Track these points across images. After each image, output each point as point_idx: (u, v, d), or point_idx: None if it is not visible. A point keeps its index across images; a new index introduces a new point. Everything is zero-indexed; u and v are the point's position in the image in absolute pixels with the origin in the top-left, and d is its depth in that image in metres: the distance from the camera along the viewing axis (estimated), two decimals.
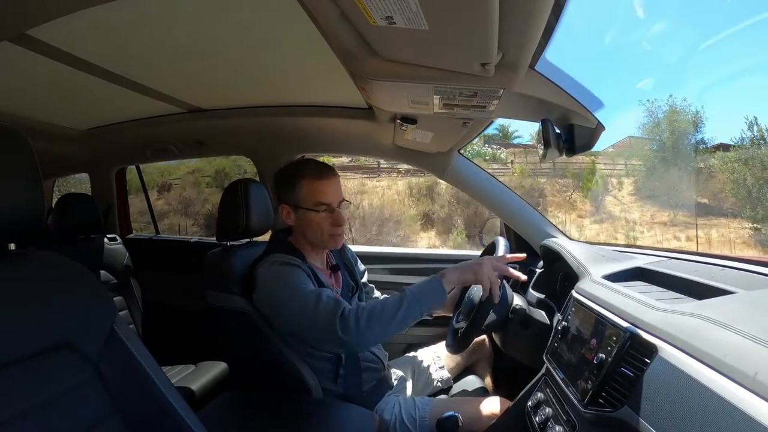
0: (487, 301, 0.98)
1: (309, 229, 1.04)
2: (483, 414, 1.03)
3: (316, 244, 1.08)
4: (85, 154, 1.89)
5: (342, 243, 1.10)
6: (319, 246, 1.08)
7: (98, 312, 0.64)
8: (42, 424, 0.54)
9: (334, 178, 1.05)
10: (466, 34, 0.63)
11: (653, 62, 18.72)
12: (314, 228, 1.03)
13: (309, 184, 1.02)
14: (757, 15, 8.46)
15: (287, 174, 1.06)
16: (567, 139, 0.96)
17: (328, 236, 1.04)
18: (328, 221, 1.03)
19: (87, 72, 1.06)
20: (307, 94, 1.35)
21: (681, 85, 20.21)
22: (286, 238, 1.11)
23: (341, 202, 1.05)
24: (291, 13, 0.76)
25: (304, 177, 1.02)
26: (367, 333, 0.85)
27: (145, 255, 1.95)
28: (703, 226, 9.93)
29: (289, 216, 1.05)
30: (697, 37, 13.30)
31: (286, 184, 1.05)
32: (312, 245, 1.08)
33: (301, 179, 1.02)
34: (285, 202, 1.05)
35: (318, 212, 1.01)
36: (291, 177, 1.04)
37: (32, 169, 0.58)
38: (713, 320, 0.57)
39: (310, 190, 1.02)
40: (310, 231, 1.04)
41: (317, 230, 1.03)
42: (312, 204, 1.01)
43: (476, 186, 1.57)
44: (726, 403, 0.47)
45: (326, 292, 0.92)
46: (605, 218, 12.48)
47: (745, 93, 17.02)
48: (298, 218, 1.04)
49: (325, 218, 1.02)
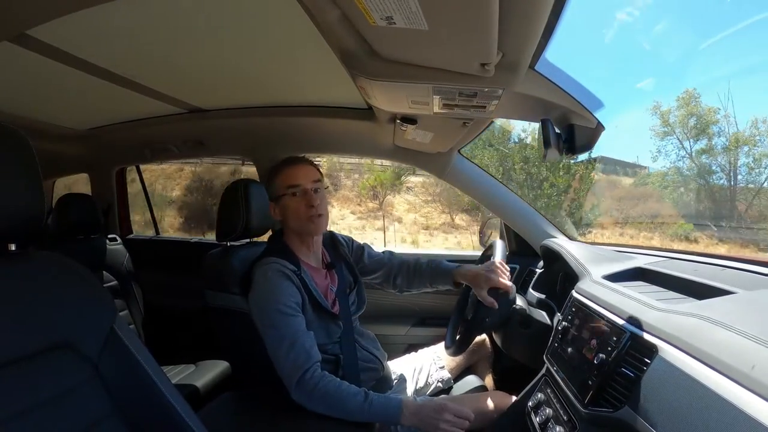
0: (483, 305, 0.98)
1: (289, 217, 1.06)
2: (487, 408, 1.03)
3: (301, 233, 1.09)
4: (85, 154, 1.89)
5: (323, 227, 1.08)
6: (304, 234, 1.08)
7: (98, 312, 0.64)
8: (42, 424, 0.54)
9: (305, 164, 1.08)
10: (466, 34, 0.63)
11: (653, 62, 18.75)
12: (292, 213, 1.05)
13: (281, 173, 1.07)
14: (757, 15, 8.50)
15: (269, 173, 1.11)
16: (567, 139, 0.96)
17: (306, 220, 1.05)
18: (302, 204, 1.04)
19: (87, 72, 1.06)
20: (307, 94, 1.35)
21: (680, 85, 20.25)
22: (282, 238, 1.11)
23: (315, 183, 1.06)
24: (291, 13, 0.76)
25: (278, 169, 1.08)
26: (314, 405, 0.91)
27: (145, 255, 1.95)
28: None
29: (275, 211, 1.09)
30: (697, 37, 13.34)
31: (268, 181, 1.10)
32: (300, 237, 1.09)
33: (276, 172, 1.08)
34: (270, 198, 1.10)
35: (291, 196, 1.04)
36: (271, 174, 1.10)
37: (32, 169, 0.58)
38: (713, 320, 0.57)
39: (282, 178, 1.07)
40: (291, 218, 1.06)
41: (295, 215, 1.05)
42: (284, 189, 1.05)
43: (476, 186, 1.57)
44: (726, 402, 0.47)
45: (302, 338, 0.94)
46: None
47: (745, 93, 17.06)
48: (280, 210, 1.07)
49: (300, 201, 1.04)
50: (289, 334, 0.93)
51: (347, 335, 1.08)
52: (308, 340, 0.95)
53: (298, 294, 0.98)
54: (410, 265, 1.25)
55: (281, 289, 0.96)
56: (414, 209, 10.82)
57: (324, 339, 1.03)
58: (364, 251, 1.27)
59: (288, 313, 0.95)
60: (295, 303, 0.97)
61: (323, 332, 1.03)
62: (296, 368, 0.91)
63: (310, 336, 0.96)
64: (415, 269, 1.23)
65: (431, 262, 1.22)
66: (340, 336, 1.06)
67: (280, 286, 0.97)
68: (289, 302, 0.95)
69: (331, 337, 1.05)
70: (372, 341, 1.17)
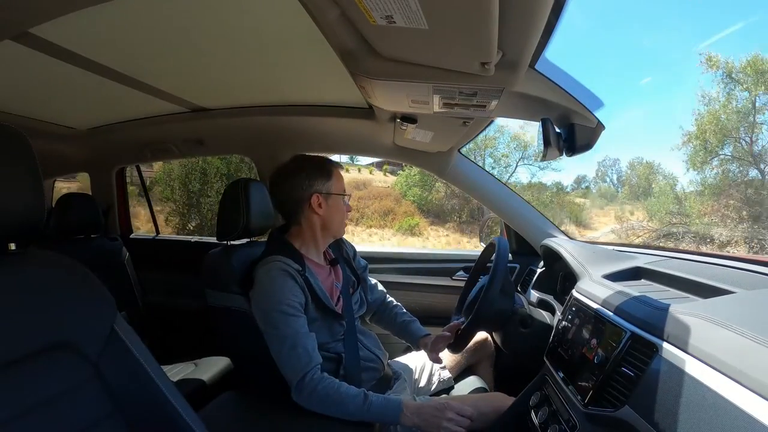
0: (486, 296, 0.98)
1: (336, 217, 1.10)
2: (487, 408, 1.03)
3: (333, 233, 1.13)
4: (85, 154, 1.89)
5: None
6: (335, 234, 1.14)
7: (99, 312, 0.64)
8: (42, 424, 0.54)
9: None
10: (466, 33, 0.63)
11: (654, 60, 18.66)
12: (337, 215, 1.10)
13: (338, 174, 1.11)
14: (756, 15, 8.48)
15: (318, 165, 1.09)
16: (567, 139, 0.95)
17: (343, 224, 1.13)
18: (345, 210, 1.12)
19: (90, 70, 1.06)
20: (308, 94, 1.35)
21: (680, 85, 20.21)
22: (283, 236, 1.11)
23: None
24: (291, 12, 0.76)
25: (334, 167, 1.11)
26: (315, 407, 0.92)
27: (145, 255, 1.95)
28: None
29: (320, 205, 1.08)
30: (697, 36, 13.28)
31: (321, 174, 1.08)
32: (325, 236, 1.12)
33: (332, 169, 1.10)
34: (317, 191, 1.07)
35: (343, 198, 1.11)
36: (324, 167, 1.09)
37: (32, 169, 0.58)
38: (714, 320, 0.57)
39: (339, 179, 1.11)
40: (337, 218, 1.10)
41: (339, 217, 1.11)
42: (341, 190, 1.11)
43: (477, 185, 1.57)
44: (726, 402, 0.47)
45: (304, 340, 0.94)
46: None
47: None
48: (328, 207, 1.08)
49: (344, 207, 1.12)
50: (290, 336, 0.93)
51: (350, 334, 1.08)
52: (310, 341, 0.95)
53: (301, 294, 0.98)
54: (388, 307, 1.33)
55: (284, 288, 0.96)
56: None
57: (327, 337, 1.03)
58: (366, 268, 1.31)
59: (290, 313, 0.94)
60: (298, 303, 0.96)
61: (326, 331, 1.03)
62: (297, 371, 0.91)
63: (311, 338, 0.96)
64: (390, 316, 1.31)
65: (405, 320, 1.30)
66: (343, 335, 1.07)
67: (283, 286, 0.96)
68: (291, 302, 0.95)
69: (334, 335, 1.05)
70: (373, 340, 1.18)
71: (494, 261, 1.06)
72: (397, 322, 1.30)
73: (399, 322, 1.29)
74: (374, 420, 0.93)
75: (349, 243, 1.29)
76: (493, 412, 1.03)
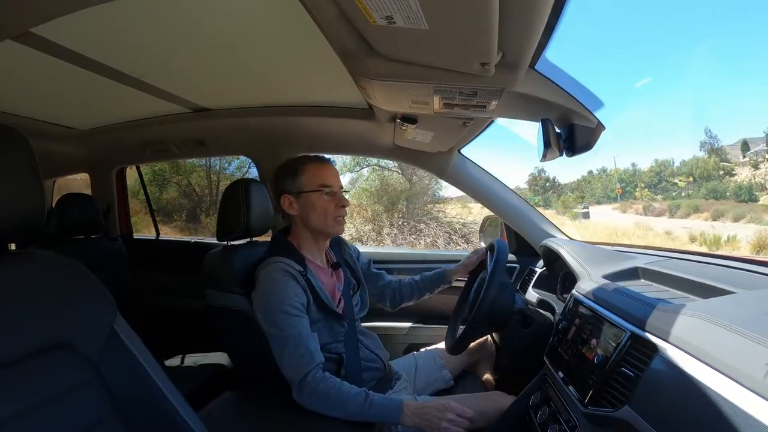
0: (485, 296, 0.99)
1: (313, 214, 1.06)
2: (487, 408, 1.03)
3: (319, 232, 1.09)
4: (85, 154, 1.89)
5: (343, 229, 1.12)
6: (323, 233, 1.10)
7: (99, 312, 0.64)
8: (42, 424, 0.54)
9: (333, 167, 1.11)
10: (466, 33, 0.63)
11: (652, 62, 18.79)
12: (319, 211, 1.05)
13: (312, 169, 1.07)
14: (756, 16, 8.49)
15: (288, 166, 1.09)
16: (567, 139, 0.96)
17: (332, 220, 1.07)
18: (332, 203, 1.06)
19: (91, 70, 1.06)
20: (308, 94, 1.35)
21: (680, 85, 20.29)
22: (286, 237, 1.11)
23: (341, 189, 1.10)
24: (292, 12, 0.76)
25: (306, 163, 1.08)
26: (315, 407, 0.92)
27: (145, 255, 1.95)
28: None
29: (292, 205, 1.07)
30: (697, 37, 13.34)
31: (288, 174, 1.08)
32: (315, 235, 1.09)
33: (303, 166, 1.07)
34: (286, 192, 1.07)
35: (322, 193, 1.05)
36: (293, 167, 1.08)
37: (32, 169, 0.58)
38: (713, 320, 0.57)
39: (313, 174, 1.06)
40: (315, 215, 1.06)
41: (322, 213, 1.05)
42: (316, 186, 1.05)
43: (477, 186, 1.57)
44: (726, 402, 0.47)
45: (306, 340, 0.93)
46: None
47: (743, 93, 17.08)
48: (300, 206, 1.06)
49: (329, 200, 1.06)
50: (292, 336, 0.93)
51: (351, 335, 1.08)
52: (312, 341, 0.95)
53: (303, 295, 0.98)
54: (402, 282, 1.35)
55: (286, 289, 0.96)
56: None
57: (328, 338, 1.03)
58: (370, 263, 1.32)
59: (292, 314, 0.94)
60: (300, 304, 0.97)
61: (327, 331, 1.03)
62: (298, 371, 0.91)
63: (313, 338, 0.96)
64: (414, 284, 1.33)
65: (423, 275, 1.34)
66: (344, 335, 1.07)
67: (285, 287, 0.96)
68: (293, 303, 0.95)
69: (335, 336, 1.05)
70: (374, 341, 1.18)
71: (493, 262, 1.06)
72: (418, 282, 1.32)
73: (419, 281, 1.32)
74: (375, 419, 0.93)
75: (353, 245, 1.29)
76: (494, 411, 1.03)
